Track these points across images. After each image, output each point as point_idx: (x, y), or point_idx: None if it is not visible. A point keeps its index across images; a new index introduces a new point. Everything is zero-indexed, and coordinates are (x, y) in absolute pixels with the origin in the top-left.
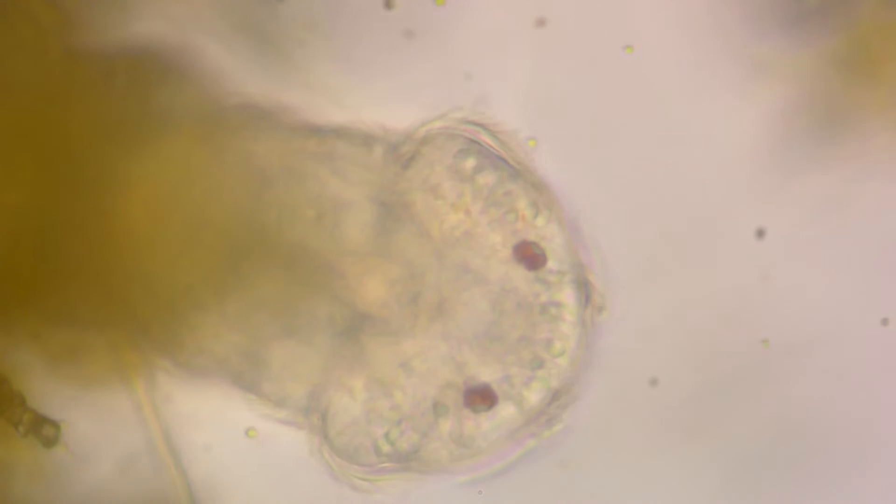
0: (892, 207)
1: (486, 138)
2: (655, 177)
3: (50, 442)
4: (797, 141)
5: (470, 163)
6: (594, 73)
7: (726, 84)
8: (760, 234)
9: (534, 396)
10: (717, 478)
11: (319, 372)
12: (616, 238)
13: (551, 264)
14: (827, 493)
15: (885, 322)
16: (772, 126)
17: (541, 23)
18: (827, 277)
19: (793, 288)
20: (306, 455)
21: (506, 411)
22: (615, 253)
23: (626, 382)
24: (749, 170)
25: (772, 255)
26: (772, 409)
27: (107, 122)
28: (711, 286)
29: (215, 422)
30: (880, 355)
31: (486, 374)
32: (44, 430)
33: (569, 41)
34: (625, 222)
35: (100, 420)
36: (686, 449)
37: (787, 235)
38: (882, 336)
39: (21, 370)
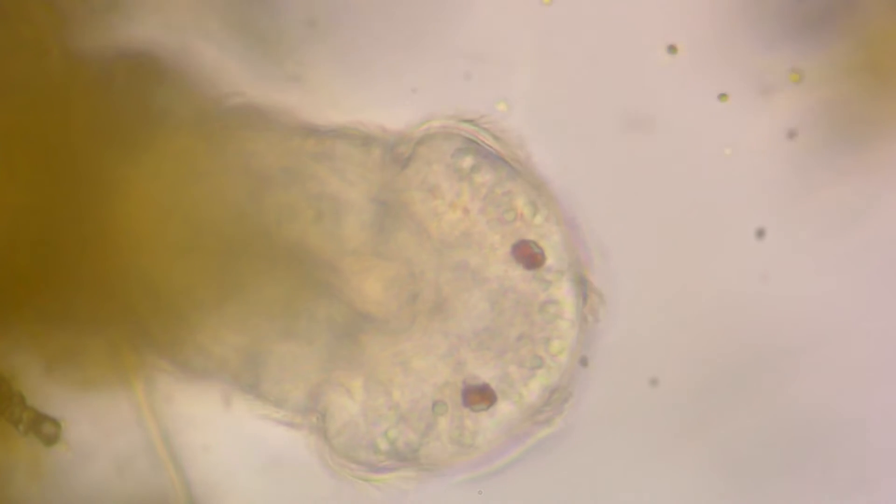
0: (892, 209)
1: (484, 137)
2: (656, 178)
3: (50, 440)
4: (797, 142)
5: (468, 162)
6: (596, 76)
7: (733, 90)
8: (760, 234)
9: (532, 395)
10: (716, 477)
11: (318, 372)
12: (617, 238)
13: (550, 263)
14: (826, 493)
15: (883, 322)
16: (772, 128)
17: (543, 25)
18: (827, 278)
19: (793, 288)
20: (306, 455)
21: (504, 409)
22: (616, 253)
23: (626, 382)
24: (749, 170)
25: (772, 255)
26: (772, 409)
27: (106, 123)
28: (712, 286)
29: (215, 422)
30: (880, 355)
31: (485, 373)
32: (44, 427)
33: (571, 44)
34: (626, 223)
35: (99, 420)
36: (686, 449)
37: (788, 236)
38: (881, 336)
39: (20, 371)
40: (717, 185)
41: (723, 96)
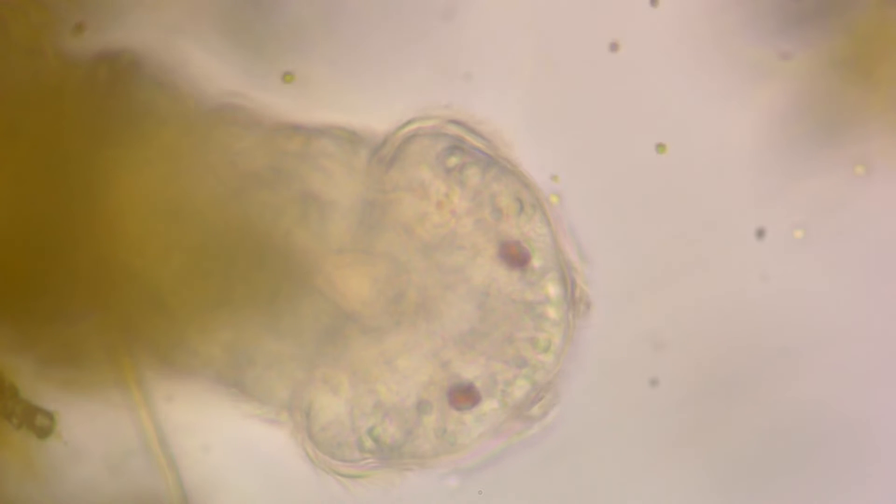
0: (891, 208)
1: (471, 138)
2: (655, 178)
3: (44, 432)
4: (797, 142)
5: (455, 162)
6: (592, 74)
7: (725, 86)
8: (760, 234)
9: (517, 392)
10: (716, 477)
11: (303, 369)
12: (616, 239)
13: (535, 262)
14: (825, 494)
15: (883, 324)
16: (771, 128)
17: (540, 25)
18: (826, 278)
19: (792, 288)
20: (299, 456)
21: (489, 408)
22: (616, 253)
23: (626, 382)
24: (749, 171)
25: (772, 255)
26: (771, 409)
27: (93, 121)
28: (711, 286)
29: (216, 423)
30: (880, 355)
31: (470, 372)
32: (37, 420)
33: (567, 43)
34: (625, 223)
35: (93, 418)
36: (686, 449)
37: (787, 235)
38: (881, 336)
39: (12, 369)
40: (718, 186)
41: (660, 147)
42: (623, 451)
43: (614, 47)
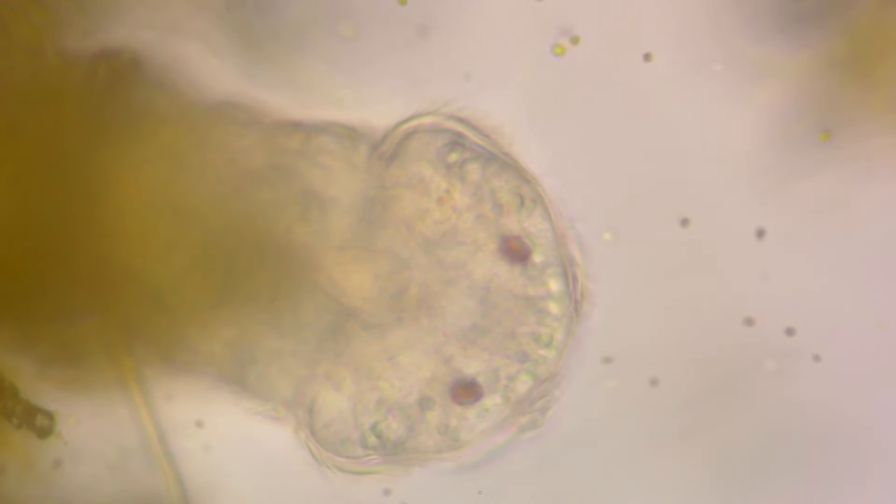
0: (891, 208)
1: (471, 134)
2: (655, 177)
3: (44, 432)
4: (797, 142)
5: (455, 157)
6: (592, 73)
7: (725, 85)
8: (760, 234)
9: (520, 387)
10: (716, 477)
11: (306, 366)
12: (616, 239)
13: (536, 258)
14: (825, 494)
15: (883, 325)
16: (770, 127)
17: (539, 22)
18: (826, 278)
19: (792, 288)
20: (304, 456)
21: (492, 403)
22: (615, 253)
23: (625, 382)
24: (749, 170)
25: (772, 255)
26: (771, 410)
27: (92, 119)
28: (712, 286)
29: (216, 422)
30: (879, 356)
31: (472, 368)
32: (37, 420)
33: (566, 39)
34: (624, 223)
35: (94, 417)
36: (686, 449)
37: (787, 235)
38: (881, 335)
39: (12, 369)
40: (718, 185)
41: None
42: (623, 451)
43: (614, 46)
